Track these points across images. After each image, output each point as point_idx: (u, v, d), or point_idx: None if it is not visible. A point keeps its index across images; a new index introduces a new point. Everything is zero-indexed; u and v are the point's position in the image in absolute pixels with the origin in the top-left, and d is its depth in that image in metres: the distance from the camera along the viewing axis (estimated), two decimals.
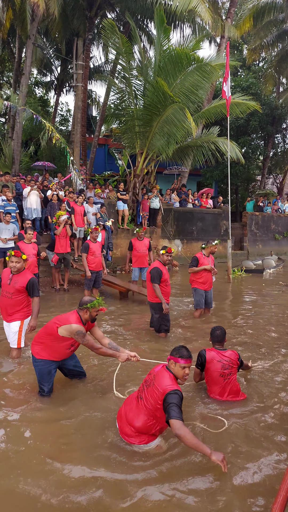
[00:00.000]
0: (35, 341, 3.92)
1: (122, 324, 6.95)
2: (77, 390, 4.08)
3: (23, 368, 4.65)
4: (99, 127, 18.80)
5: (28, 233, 7.76)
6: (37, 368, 3.85)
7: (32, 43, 12.83)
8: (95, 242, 8.21)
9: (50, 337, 3.80)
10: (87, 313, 3.86)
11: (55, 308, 8.01)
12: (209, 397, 3.96)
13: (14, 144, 13.50)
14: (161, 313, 5.94)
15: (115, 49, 11.71)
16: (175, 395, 2.79)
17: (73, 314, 3.87)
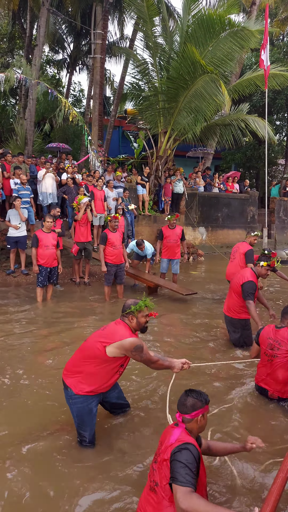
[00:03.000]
0: (69, 372, 2.95)
1: (156, 326, 6.01)
2: (125, 428, 3.16)
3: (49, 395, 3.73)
4: (116, 106, 17.62)
5: (47, 220, 6.80)
6: (75, 407, 2.87)
7: (46, 9, 11.62)
8: (114, 231, 7.19)
9: (93, 362, 2.83)
10: (133, 319, 2.93)
11: (76, 303, 7.11)
12: None
13: (27, 123, 12.45)
14: (243, 331, 4.95)
15: (138, 13, 10.47)
16: (185, 452, 1.92)
17: (119, 325, 2.92)
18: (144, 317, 2.93)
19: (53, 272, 7.06)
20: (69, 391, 2.87)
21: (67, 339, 5.37)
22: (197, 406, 2.11)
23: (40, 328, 5.82)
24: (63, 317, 6.32)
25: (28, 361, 4.59)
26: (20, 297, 7.45)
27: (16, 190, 9.33)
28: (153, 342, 5.31)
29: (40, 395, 3.73)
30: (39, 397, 3.69)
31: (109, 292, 7.29)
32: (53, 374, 4.15)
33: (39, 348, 5.07)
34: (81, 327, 5.89)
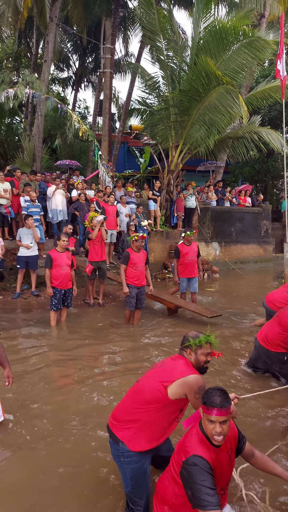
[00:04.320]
0: (119, 421, 2.37)
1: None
2: None
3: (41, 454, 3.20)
4: (123, 122, 17.41)
5: (62, 239, 6.36)
6: (129, 468, 2.29)
7: (55, 24, 11.48)
8: (138, 251, 6.63)
9: (153, 407, 2.28)
10: (192, 354, 2.43)
11: (92, 328, 6.60)
12: None
13: (35, 140, 12.19)
14: (282, 365, 4.39)
15: (149, 26, 10.26)
16: (195, 470, 1.89)
17: (179, 360, 2.42)
18: (205, 356, 2.42)
19: (67, 294, 6.59)
20: (120, 447, 2.30)
21: (89, 369, 4.86)
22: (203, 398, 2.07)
23: (58, 359, 5.30)
24: (80, 344, 5.81)
25: (50, 398, 4.07)
26: (32, 321, 6.96)
27: (25, 207, 8.96)
28: None
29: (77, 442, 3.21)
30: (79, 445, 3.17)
31: (130, 317, 6.74)
32: (80, 411, 3.65)
33: (60, 381, 4.55)
34: (101, 355, 5.38)
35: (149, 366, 5.03)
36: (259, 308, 7.68)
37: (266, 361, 4.55)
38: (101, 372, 4.83)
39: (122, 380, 4.59)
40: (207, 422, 1.99)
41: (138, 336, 6.23)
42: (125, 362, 5.18)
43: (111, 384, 4.50)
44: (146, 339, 6.09)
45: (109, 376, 4.72)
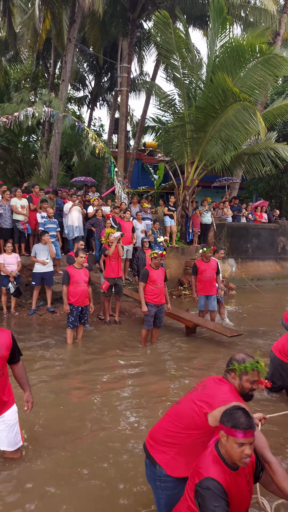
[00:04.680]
0: (158, 443, 2.22)
1: (199, 369, 5.29)
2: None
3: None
4: (138, 139, 17.59)
5: (80, 256, 6.29)
6: (164, 493, 2.14)
7: (74, 45, 11.76)
8: (157, 268, 6.43)
9: (195, 433, 2.13)
10: (236, 379, 2.24)
11: (109, 346, 6.44)
12: None
13: (52, 157, 12.34)
14: None
15: (166, 45, 10.40)
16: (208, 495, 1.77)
17: (222, 385, 2.23)
18: (250, 383, 2.22)
19: (84, 312, 6.49)
20: (157, 470, 2.15)
21: (106, 390, 4.71)
22: (224, 419, 1.90)
23: (74, 379, 5.17)
24: (97, 363, 5.68)
25: (67, 422, 3.93)
26: (48, 338, 6.85)
27: (42, 223, 8.98)
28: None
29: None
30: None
31: (147, 336, 6.53)
32: (109, 438, 3.49)
33: (77, 404, 4.41)
34: (119, 376, 5.23)
35: (167, 387, 4.86)
36: (278, 328, 7.45)
37: (282, 374, 4.38)
38: (119, 392, 4.68)
39: (142, 402, 4.43)
40: (235, 445, 1.84)
41: (155, 355, 6.07)
42: (144, 383, 5.01)
43: (131, 406, 4.34)
44: (163, 358, 5.92)
45: (129, 398, 4.56)
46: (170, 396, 4.59)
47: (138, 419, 4.04)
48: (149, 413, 4.19)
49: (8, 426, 2.99)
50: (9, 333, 3.01)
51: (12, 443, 3.05)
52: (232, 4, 11.36)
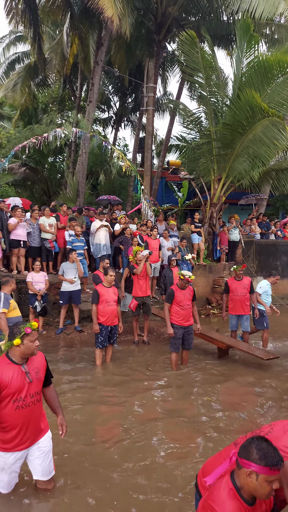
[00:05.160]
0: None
1: (232, 395, 4.99)
2: None
3: None
4: (163, 158, 17.67)
5: (109, 274, 6.19)
6: None
7: (101, 67, 12.05)
8: (184, 288, 6.11)
9: None
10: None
11: (138, 368, 6.23)
12: None
13: (79, 176, 12.50)
14: None
15: (192, 64, 10.47)
16: None
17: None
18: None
19: (113, 331, 6.33)
20: None
21: (137, 414, 4.50)
22: (253, 456, 1.69)
23: (104, 405, 4.98)
24: (127, 386, 5.47)
25: (97, 450, 3.74)
26: (76, 358, 6.72)
27: (70, 242, 8.99)
28: (224, 419, 4.31)
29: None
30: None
31: (177, 360, 6.22)
32: (130, 466, 3.27)
33: (108, 431, 4.21)
34: (150, 401, 5.01)
35: (201, 415, 4.60)
36: None
37: None
38: (151, 419, 4.45)
39: (175, 431, 4.19)
40: (265, 483, 1.68)
41: (186, 379, 5.79)
42: (176, 409, 4.76)
43: (165, 435, 4.11)
44: (195, 383, 5.65)
45: (162, 426, 4.33)
46: (205, 427, 4.31)
47: (173, 451, 3.80)
48: (183, 443, 3.94)
49: (44, 453, 2.84)
50: (42, 354, 2.92)
51: (46, 471, 2.89)
52: (257, 22, 11.37)
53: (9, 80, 19.46)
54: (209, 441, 3.96)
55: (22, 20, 12.24)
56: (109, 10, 8.82)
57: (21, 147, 9.27)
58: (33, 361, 2.81)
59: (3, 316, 5.26)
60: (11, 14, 12.49)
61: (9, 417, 2.63)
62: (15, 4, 12.36)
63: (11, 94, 19.10)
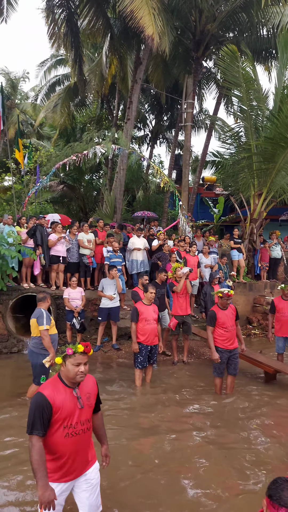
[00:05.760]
0: None
1: (284, 426, 4.57)
2: None
3: None
4: (199, 173, 17.54)
5: (150, 291, 5.99)
6: None
7: (140, 85, 12.21)
8: (225, 309, 5.72)
9: None
10: None
11: (180, 391, 5.92)
12: None
13: (116, 192, 12.54)
14: None
15: (233, 79, 10.35)
16: None
17: None
18: None
19: (153, 351, 6.07)
20: None
21: (179, 442, 4.19)
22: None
23: (147, 430, 4.71)
24: (168, 410, 5.18)
25: (141, 480, 3.47)
26: (114, 378, 6.51)
27: (108, 257, 8.92)
28: (273, 453, 3.89)
29: None
30: None
31: (221, 386, 5.82)
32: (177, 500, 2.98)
33: (149, 460, 3.94)
34: (192, 428, 4.69)
35: (249, 448, 4.21)
36: None
37: None
38: (197, 450, 4.13)
39: (222, 463, 3.85)
40: None
41: (232, 407, 5.39)
42: (224, 442, 4.40)
43: (211, 468, 3.78)
44: (241, 411, 5.25)
45: (209, 458, 4.00)
46: (256, 463, 3.93)
47: (223, 488, 3.47)
48: (235, 478, 3.60)
49: (91, 486, 2.60)
50: (94, 379, 2.70)
51: (94, 506, 2.63)
52: None
53: (49, 102, 20.18)
54: (257, 481, 3.58)
55: (64, 43, 12.65)
56: (149, 28, 8.92)
57: (62, 165, 9.39)
58: (85, 385, 2.61)
59: (47, 333, 5.17)
60: (54, 38, 12.98)
61: (58, 445, 2.43)
62: (58, 29, 12.85)
63: (51, 114, 19.78)
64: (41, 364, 5.29)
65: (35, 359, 5.31)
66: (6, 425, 4.62)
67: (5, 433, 4.40)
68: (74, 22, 12.54)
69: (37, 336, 5.31)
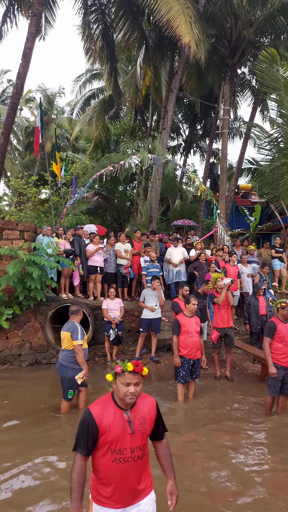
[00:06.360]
0: None
1: None
2: None
3: None
4: (235, 181, 17.17)
5: (192, 303, 5.77)
6: None
7: (176, 94, 12.18)
8: (286, 322, 5.32)
9: None
10: None
11: (224, 408, 5.62)
12: None
13: (152, 202, 12.48)
14: None
15: (271, 83, 10.09)
16: None
17: None
18: None
19: (196, 365, 5.83)
20: None
21: (227, 467, 3.91)
22: None
23: (194, 452, 4.46)
24: (216, 432, 4.89)
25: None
26: (154, 392, 6.29)
27: (145, 267, 8.78)
28: None
29: None
30: None
31: (273, 404, 5.42)
32: None
33: (204, 488, 3.69)
34: (246, 455, 4.37)
35: None
36: None
37: None
38: (252, 477, 3.83)
39: (278, 490, 3.54)
40: None
41: (283, 431, 4.99)
42: (279, 469, 4.07)
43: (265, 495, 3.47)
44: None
45: (260, 482, 3.69)
46: None
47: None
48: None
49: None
50: (153, 401, 2.41)
51: None
52: None
53: (85, 115, 20.62)
54: None
55: (100, 57, 12.86)
56: (186, 36, 8.86)
57: (99, 175, 9.44)
58: (140, 409, 2.33)
59: (81, 348, 5.06)
60: (90, 52, 13.24)
61: (105, 470, 2.23)
62: (93, 43, 13.10)
63: (86, 127, 20.18)
64: (69, 378, 5.16)
65: (63, 372, 5.21)
66: (43, 438, 4.53)
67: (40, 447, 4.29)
68: (109, 35, 12.75)
69: (68, 349, 5.20)
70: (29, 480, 3.68)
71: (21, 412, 5.38)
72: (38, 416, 5.28)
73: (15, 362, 7.69)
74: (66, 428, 4.95)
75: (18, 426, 4.99)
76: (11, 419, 5.14)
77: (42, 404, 5.72)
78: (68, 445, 4.21)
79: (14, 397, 6.03)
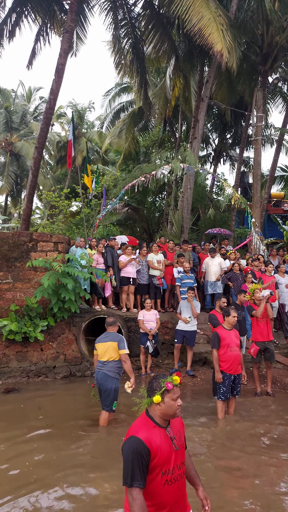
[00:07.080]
0: None
1: None
2: None
3: None
4: (269, 189, 16.76)
5: (231, 315, 5.53)
6: None
7: (207, 102, 12.10)
8: None
9: None
10: None
11: (263, 423, 5.30)
12: None
13: (183, 212, 12.32)
14: None
15: None
16: None
17: None
18: None
19: (237, 381, 5.55)
20: None
21: (271, 494, 3.62)
22: None
23: (235, 472, 4.20)
24: (259, 452, 4.61)
25: None
26: (190, 408, 6.05)
27: (179, 278, 8.59)
28: None
29: None
30: None
31: None
32: None
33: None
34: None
35: None
36: None
37: None
38: None
39: None
40: None
41: None
42: None
43: None
44: None
45: None
46: None
47: None
48: None
49: None
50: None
51: None
52: None
53: (114, 128, 20.88)
54: None
55: (130, 70, 12.99)
56: (218, 44, 8.78)
57: (131, 186, 9.41)
58: (174, 423, 2.28)
59: (128, 357, 5.01)
60: (120, 66, 13.41)
61: (157, 495, 2.09)
62: (124, 57, 13.27)
63: (116, 140, 20.42)
64: (115, 389, 5.11)
65: (110, 383, 5.11)
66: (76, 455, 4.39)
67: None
68: (139, 48, 12.87)
69: (114, 360, 5.13)
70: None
71: (55, 425, 5.31)
72: (72, 429, 5.18)
73: (49, 375, 7.64)
74: (101, 443, 4.83)
75: (51, 437, 4.91)
76: (44, 429, 5.11)
77: (77, 417, 5.62)
78: (101, 462, 4.05)
79: (48, 409, 5.96)
